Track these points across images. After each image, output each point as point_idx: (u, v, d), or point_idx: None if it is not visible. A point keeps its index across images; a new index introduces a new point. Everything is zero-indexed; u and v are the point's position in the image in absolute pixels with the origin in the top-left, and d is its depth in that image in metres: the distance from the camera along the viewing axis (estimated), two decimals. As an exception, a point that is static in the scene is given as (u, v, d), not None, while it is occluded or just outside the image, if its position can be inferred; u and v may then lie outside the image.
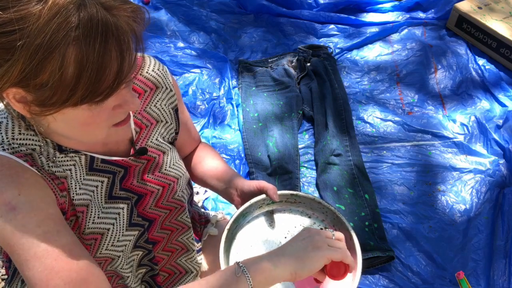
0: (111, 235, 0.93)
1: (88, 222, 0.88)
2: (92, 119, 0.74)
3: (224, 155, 2.00)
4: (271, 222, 1.04)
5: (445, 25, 2.60)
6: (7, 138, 0.78)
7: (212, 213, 1.34)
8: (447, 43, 2.49)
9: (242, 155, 2.01)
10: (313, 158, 2.02)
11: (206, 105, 2.19)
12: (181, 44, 2.41)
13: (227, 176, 1.12)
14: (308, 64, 2.34)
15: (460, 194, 1.87)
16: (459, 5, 2.51)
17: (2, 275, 1.65)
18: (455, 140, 2.05)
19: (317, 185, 1.91)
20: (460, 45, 2.48)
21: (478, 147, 2.02)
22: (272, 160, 1.94)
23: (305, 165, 1.99)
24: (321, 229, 1.02)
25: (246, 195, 1.05)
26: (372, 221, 1.75)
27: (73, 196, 0.85)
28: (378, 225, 1.75)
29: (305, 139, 2.09)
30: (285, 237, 1.01)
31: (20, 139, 0.79)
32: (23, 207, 0.74)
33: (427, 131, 2.08)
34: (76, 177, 0.86)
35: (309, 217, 1.05)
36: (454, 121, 2.13)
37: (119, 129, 0.82)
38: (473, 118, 2.12)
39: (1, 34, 0.64)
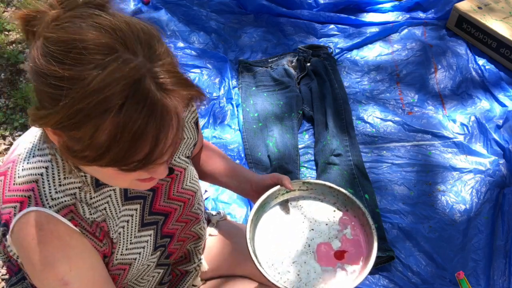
0: (138, 263, 0.93)
1: (117, 254, 0.88)
2: (118, 176, 0.74)
3: (224, 155, 2.00)
4: (287, 210, 1.11)
5: (445, 25, 2.60)
6: (54, 186, 0.77)
7: (213, 213, 1.34)
8: (447, 43, 2.49)
9: (242, 155, 2.01)
10: (313, 158, 2.02)
11: (206, 105, 2.19)
12: (181, 44, 2.41)
13: (238, 173, 1.15)
14: (308, 64, 2.34)
15: (460, 194, 1.87)
16: (459, 5, 2.51)
17: (2, 275, 1.66)
18: (455, 140, 2.05)
19: (317, 185, 1.91)
20: (460, 45, 2.48)
21: (478, 147, 2.02)
22: (272, 160, 1.94)
23: (305, 165, 1.99)
24: (334, 211, 1.10)
25: (261, 188, 1.09)
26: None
27: (112, 236, 0.85)
28: (378, 225, 1.75)
29: (305, 139, 2.09)
30: (303, 222, 1.09)
31: (66, 184, 0.78)
32: (75, 282, 0.77)
33: (427, 131, 2.08)
34: (112, 214, 0.85)
35: (321, 201, 1.12)
36: (454, 121, 2.13)
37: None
38: (473, 118, 2.12)
39: (50, 84, 0.63)
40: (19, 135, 2.08)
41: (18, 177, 0.78)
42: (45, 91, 0.65)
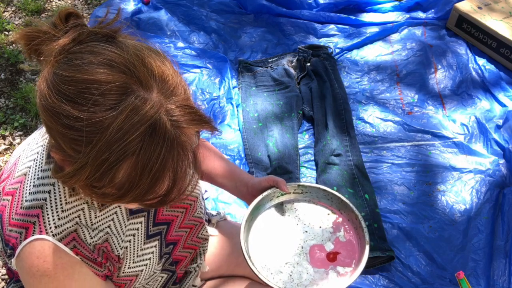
0: (144, 274, 0.94)
1: (124, 268, 0.89)
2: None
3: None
4: (282, 213, 1.12)
5: (445, 25, 2.60)
6: (57, 212, 0.77)
7: (213, 213, 1.34)
8: (447, 43, 2.49)
9: (242, 155, 2.01)
10: (313, 158, 2.02)
11: (206, 105, 2.19)
12: (181, 44, 2.41)
13: (235, 175, 1.15)
14: (308, 64, 2.34)
15: (460, 194, 1.87)
16: (459, 5, 2.51)
17: (2, 275, 1.66)
18: (455, 140, 2.05)
19: (317, 185, 1.91)
20: (460, 45, 2.48)
21: (478, 147, 2.02)
22: (272, 160, 1.94)
23: (305, 165, 1.99)
24: (328, 214, 1.11)
25: (256, 191, 1.10)
26: (372, 221, 1.75)
27: (118, 253, 0.86)
28: (378, 225, 1.75)
29: (305, 139, 2.09)
30: (297, 224, 1.10)
31: (68, 209, 0.78)
32: None
33: (427, 131, 2.08)
34: (118, 230, 0.85)
35: (315, 204, 1.13)
36: (454, 121, 2.13)
37: None
38: (473, 118, 2.12)
39: (64, 124, 0.63)
40: (19, 135, 2.08)
41: (25, 200, 0.78)
42: (59, 131, 0.65)
